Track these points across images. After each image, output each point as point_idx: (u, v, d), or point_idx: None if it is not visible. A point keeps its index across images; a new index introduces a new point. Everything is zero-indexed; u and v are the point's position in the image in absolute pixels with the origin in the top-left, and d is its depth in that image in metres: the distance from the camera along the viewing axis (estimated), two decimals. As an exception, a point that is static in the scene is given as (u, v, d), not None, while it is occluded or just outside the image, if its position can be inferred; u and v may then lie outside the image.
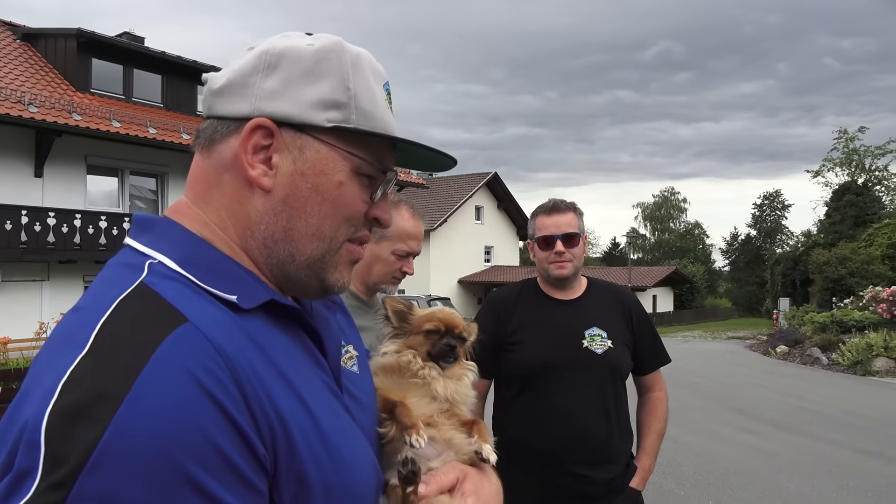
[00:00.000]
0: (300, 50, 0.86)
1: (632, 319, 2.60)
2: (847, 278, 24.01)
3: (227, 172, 0.85)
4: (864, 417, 10.38)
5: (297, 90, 0.84)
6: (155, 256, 0.79)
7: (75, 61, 17.31)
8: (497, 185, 40.04)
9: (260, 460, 0.69)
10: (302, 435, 0.74)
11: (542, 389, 2.42)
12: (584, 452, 2.39)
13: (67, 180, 16.27)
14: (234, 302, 0.77)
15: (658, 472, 7.06)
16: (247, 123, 0.83)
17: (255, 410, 0.70)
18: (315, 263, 0.87)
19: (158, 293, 0.73)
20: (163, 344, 0.67)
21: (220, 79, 0.87)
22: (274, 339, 0.80)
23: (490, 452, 1.04)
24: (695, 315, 47.57)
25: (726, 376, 15.82)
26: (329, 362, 0.91)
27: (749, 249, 65.87)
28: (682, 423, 9.78)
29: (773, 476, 7.08)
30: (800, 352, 19.80)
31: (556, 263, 2.50)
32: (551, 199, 2.64)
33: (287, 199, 0.84)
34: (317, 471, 0.75)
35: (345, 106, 0.85)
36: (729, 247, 71.81)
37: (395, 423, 1.00)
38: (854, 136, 42.10)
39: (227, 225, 0.85)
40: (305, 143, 0.84)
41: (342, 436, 0.83)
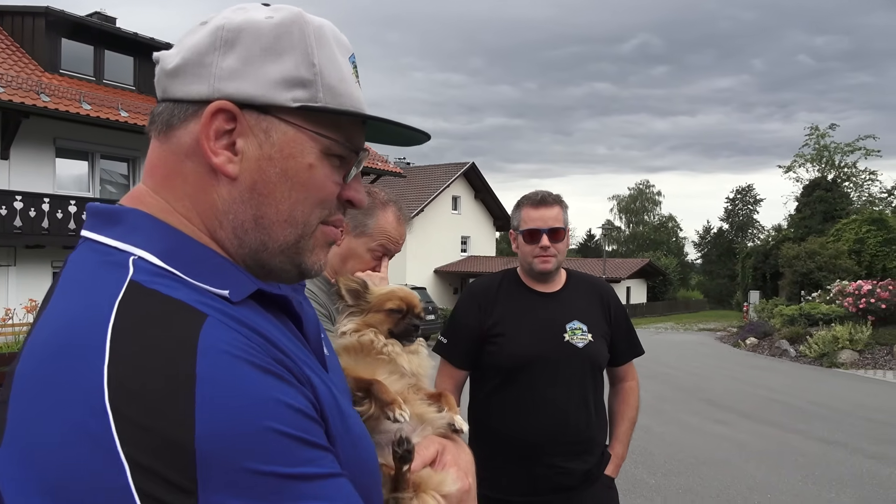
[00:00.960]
0: (258, 24, 0.80)
1: (610, 312, 2.63)
2: (815, 272, 24.52)
3: (189, 159, 0.79)
4: (829, 408, 10.64)
5: (258, 68, 0.78)
6: (135, 252, 0.73)
7: (44, 41, 16.84)
8: (474, 176, 40.03)
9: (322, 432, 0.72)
10: (329, 406, 0.76)
11: (523, 382, 2.43)
12: (564, 445, 2.41)
13: (35, 163, 15.88)
14: (227, 297, 0.74)
15: (630, 462, 7.14)
16: (206, 107, 0.77)
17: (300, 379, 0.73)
18: (289, 249, 0.83)
19: (161, 291, 0.69)
20: (200, 337, 0.65)
21: (173, 58, 0.80)
22: (270, 329, 0.78)
23: (462, 423, 1.08)
24: (667, 307, 48.23)
25: (697, 367, 16.09)
26: (311, 346, 0.88)
27: (721, 243, 66.92)
28: (654, 414, 9.92)
29: (741, 465, 7.22)
30: (769, 344, 20.20)
31: (540, 258, 2.49)
32: (538, 190, 2.60)
33: (255, 186, 0.79)
34: (347, 456, 0.76)
35: (311, 83, 0.80)
36: (701, 240, 72.84)
37: (373, 400, 1.01)
38: (825, 133, 42.91)
39: (193, 215, 0.80)
40: (271, 126, 0.79)
41: (352, 418, 0.84)
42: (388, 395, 1.01)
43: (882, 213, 30.00)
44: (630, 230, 77.53)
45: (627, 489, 6.13)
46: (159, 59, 0.83)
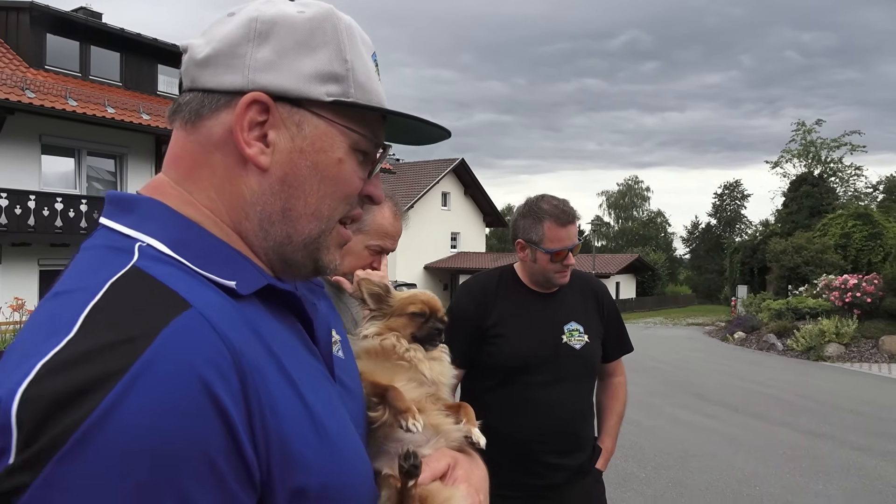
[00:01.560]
0: (292, 17, 0.80)
1: (603, 310, 2.65)
2: (802, 267, 24.71)
3: (218, 150, 0.79)
4: (816, 401, 10.75)
5: (292, 61, 0.79)
6: (143, 239, 0.73)
7: (29, 36, 16.66)
8: (464, 172, 40.03)
9: (250, 470, 0.64)
10: (300, 436, 0.70)
11: (520, 383, 2.43)
12: (558, 443, 2.44)
13: (21, 160, 15.71)
14: (233, 288, 0.73)
15: (620, 456, 7.20)
16: (241, 98, 0.77)
17: (253, 414, 0.65)
18: (311, 244, 0.83)
19: (155, 277, 0.67)
20: (165, 330, 0.61)
21: (203, 48, 0.80)
22: (271, 327, 0.76)
23: (480, 436, 1.03)
24: (656, 302, 48.48)
25: (686, 362, 16.20)
26: (320, 349, 0.87)
27: (709, 238, 67.27)
28: (644, 408, 9.98)
29: (729, 458, 7.28)
30: (756, 338, 20.36)
31: (562, 273, 2.48)
32: (558, 203, 2.49)
33: (285, 178, 0.79)
34: (315, 471, 0.70)
35: (343, 79, 0.81)
36: (690, 235, 73.23)
37: (387, 407, 0.97)
38: (811, 129, 43.19)
39: (218, 206, 0.79)
40: (303, 119, 0.80)
41: (340, 428, 0.79)
42: (402, 403, 0.96)
43: (867, 208, 30.27)
44: (619, 226, 77.85)
45: (618, 483, 6.17)
46: (187, 48, 0.82)
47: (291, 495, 0.67)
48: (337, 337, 1.00)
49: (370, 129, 0.85)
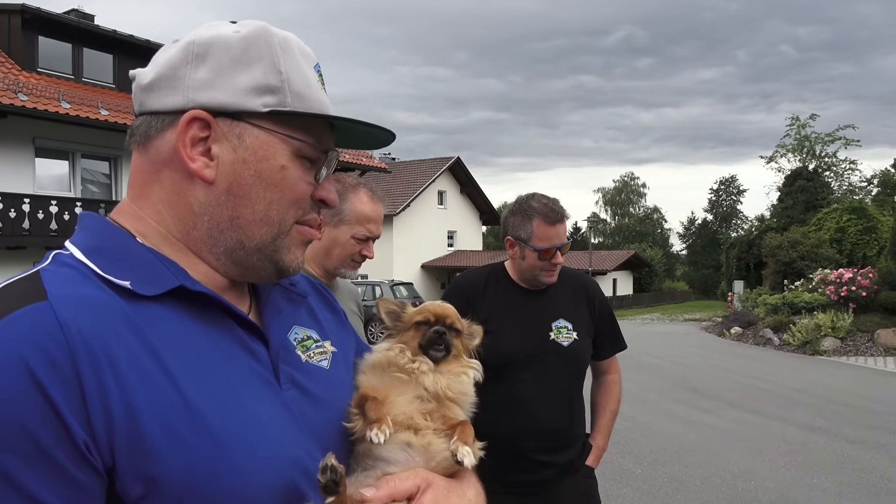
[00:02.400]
0: (227, 38, 0.85)
1: (594, 308, 2.64)
2: (798, 261, 24.78)
3: (166, 167, 0.84)
4: (811, 395, 10.79)
5: (228, 78, 0.83)
6: (68, 248, 0.82)
7: (20, 39, 16.59)
8: (460, 170, 40.02)
9: (80, 450, 0.67)
10: (161, 424, 0.71)
11: (507, 379, 2.44)
12: (546, 440, 2.45)
13: (14, 163, 15.66)
14: (128, 288, 0.77)
15: (616, 452, 7.22)
16: (182, 116, 0.82)
17: (89, 396, 0.68)
18: (266, 248, 0.87)
19: (41, 278, 0.75)
20: (3, 320, 0.68)
21: (148, 74, 0.87)
22: (173, 327, 0.78)
23: (466, 455, 0.93)
24: (653, 298, 48.58)
25: (683, 357, 16.24)
26: (270, 352, 0.88)
27: (705, 234, 67.45)
28: (640, 404, 10.00)
29: (725, 453, 7.31)
30: (753, 333, 20.42)
31: (549, 272, 2.49)
32: (548, 201, 2.51)
33: (231, 189, 0.84)
34: (179, 464, 0.72)
35: (279, 90, 0.85)
36: (686, 231, 73.40)
37: (362, 416, 0.94)
38: (805, 124, 43.32)
39: (165, 218, 0.85)
40: (244, 131, 0.84)
41: (242, 427, 0.78)
42: (375, 413, 0.93)
43: (862, 202, 30.39)
44: (616, 222, 77.95)
45: (614, 479, 6.19)
46: (135, 76, 0.88)
47: (146, 484, 0.70)
48: (329, 348, 1.01)
49: (313, 136, 0.89)
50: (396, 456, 0.93)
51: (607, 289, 43.36)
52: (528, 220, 2.48)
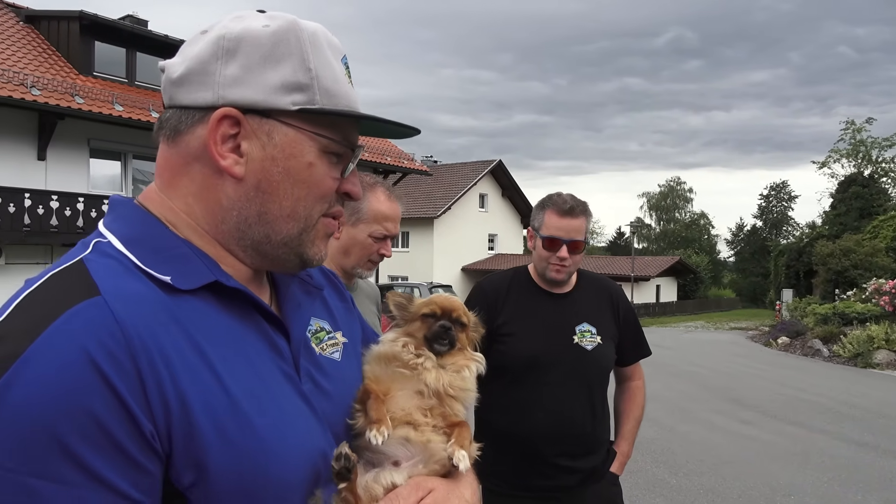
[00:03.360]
0: (257, 33, 0.85)
1: (619, 313, 2.61)
2: (850, 270, 23.92)
3: (196, 161, 0.85)
4: (860, 409, 10.39)
5: (258, 75, 0.84)
6: (106, 236, 0.82)
7: (78, 44, 17.27)
8: (501, 173, 39.92)
9: (147, 438, 0.70)
10: (210, 417, 0.74)
11: (529, 382, 2.43)
12: (568, 445, 2.42)
13: (70, 163, 16.31)
14: (169, 282, 0.78)
15: (651, 461, 7.09)
16: (213, 113, 0.83)
17: (149, 389, 0.71)
18: (292, 241, 0.89)
19: (88, 269, 0.76)
20: (63, 315, 0.69)
21: (177, 67, 0.86)
22: (210, 321, 0.80)
23: (462, 459, 0.95)
24: (698, 305, 47.51)
25: (726, 367, 15.83)
26: (291, 347, 0.90)
27: (754, 240, 65.67)
28: (679, 413, 9.81)
29: (765, 466, 7.10)
30: (801, 343, 19.77)
31: (555, 266, 2.46)
32: (567, 196, 2.52)
33: (259, 185, 0.85)
34: (225, 454, 0.75)
35: (308, 87, 0.86)
36: (734, 237, 71.57)
37: (364, 414, 0.97)
38: (861, 128, 41.80)
39: (195, 211, 0.86)
40: (273, 128, 0.85)
41: (275, 421, 0.81)
42: (376, 413, 0.95)
43: (922, 210, 29.14)
44: (661, 228, 76.55)
45: (647, 488, 6.09)
46: (165, 67, 0.88)
47: (197, 471, 0.73)
48: (340, 339, 1.03)
49: (340, 132, 0.89)
50: (395, 451, 0.95)
51: (650, 295, 42.61)
52: (542, 210, 2.52)
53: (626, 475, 7.08)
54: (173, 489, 0.73)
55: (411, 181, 33.92)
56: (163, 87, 0.89)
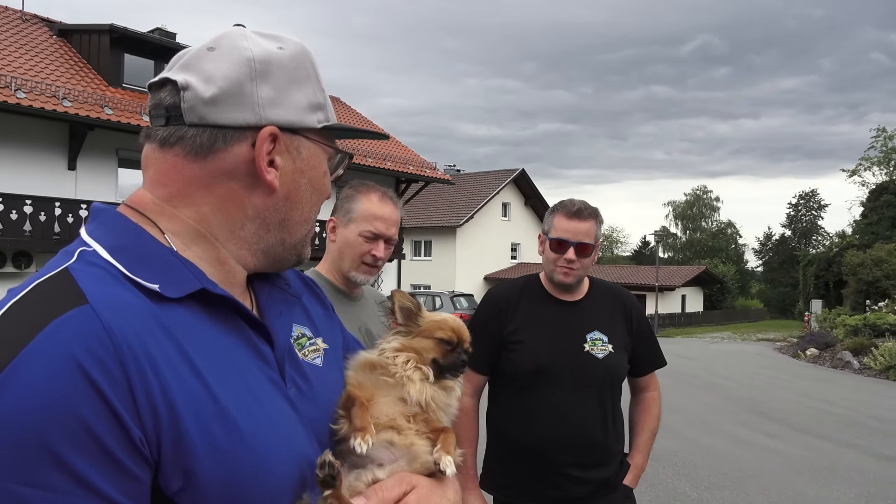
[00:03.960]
0: (280, 57, 0.92)
1: (632, 322, 2.58)
2: (882, 281, 23.39)
3: (226, 176, 0.88)
4: (891, 423, 10.13)
5: (289, 96, 0.91)
6: (91, 245, 0.83)
7: (108, 57, 17.67)
8: (524, 182, 39.84)
9: (136, 444, 0.70)
10: (198, 424, 0.75)
11: (540, 390, 2.41)
12: (580, 455, 2.39)
13: (100, 173, 16.66)
14: (157, 291, 0.80)
15: (672, 474, 6.98)
16: (255, 132, 0.88)
17: (137, 395, 0.71)
18: (299, 244, 0.99)
19: (74, 278, 0.76)
20: (52, 323, 0.70)
21: (206, 87, 0.86)
22: (196, 328, 0.82)
23: (448, 465, 0.97)
24: (725, 316, 46.79)
25: (752, 378, 15.55)
26: (275, 353, 0.92)
27: (783, 250, 64.56)
28: (702, 425, 9.66)
29: (790, 480, 6.95)
30: (830, 355, 19.36)
31: (563, 269, 2.45)
32: (576, 200, 2.54)
33: (289, 196, 0.94)
34: (213, 460, 0.75)
35: (324, 106, 0.97)
36: (762, 247, 70.47)
37: (348, 421, 0.97)
38: (893, 135, 40.94)
39: (209, 219, 0.89)
40: (300, 144, 0.94)
41: (263, 427, 0.82)
42: (360, 421, 0.96)
43: (957, 219, 28.40)
44: (686, 237, 75.67)
45: (667, 501, 5.97)
46: (188, 86, 0.87)
47: (185, 477, 0.74)
48: (321, 345, 1.05)
49: (332, 141, 1.01)
50: (379, 454, 0.96)
51: (675, 305, 42.08)
52: (552, 214, 2.54)
53: (646, 488, 7.01)
54: (162, 495, 0.74)
55: (434, 190, 34.00)
56: (188, 105, 0.87)
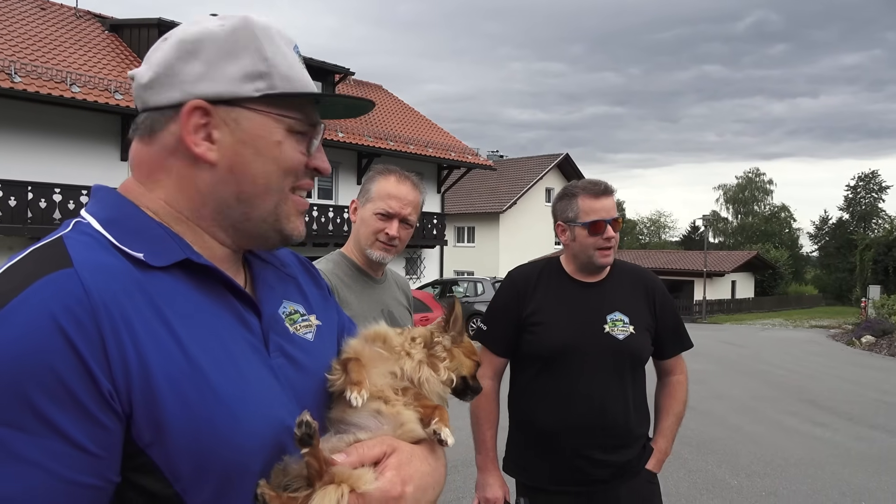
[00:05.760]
0: (214, 32, 0.94)
1: (654, 304, 2.54)
2: (946, 265, 22.33)
3: (172, 156, 0.93)
4: (949, 413, 9.72)
5: (220, 69, 0.92)
6: (86, 218, 0.91)
7: (157, 50, 18.18)
8: (568, 167, 39.38)
9: (105, 397, 0.76)
10: (169, 381, 0.80)
11: (560, 372, 2.40)
12: (600, 437, 2.38)
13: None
14: (142, 259, 0.86)
15: (713, 461, 6.87)
16: (182, 108, 0.91)
17: (111, 352, 0.77)
18: (269, 216, 0.97)
19: (65, 245, 0.83)
20: (36, 283, 0.77)
21: (146, 73, 0.94)
22: (179, 295, 0.87)
23: (449, 435, 0.99)
24: (776, 302, 45.45)
25: (802, 366, 15.11)
26: (262, 324, 0.97)
27: (840, 234, 62.18)
28: (747, 412, 9.47)
29: (836, 469, 6.76)
30: (888, 343, 18.64)
31: (603, 251, 2.43)
32: (593, 179, 2.52)
33: (232, 168, 0.93)
34: (183, 417, 0.81)
35: (267, 75, 0.94)
36: (818, 231, 68.05)
37: (345, 374, 1.01)
38: (961, 112, 38.79)
39: (176, 200, 0.94)
40: (240, 115, 0.93)
41: (237, 389, 0.87)
42: (357, 375, 0.99)
43: None
44: (738, 221, 73.61)
45: (705, 489, 5.91)
46: (134, 76, 0.97)
47: (155, 430, 0.80)
48: (314, 322, 1.09)
49: (302, 112, 0.98)
50: (367, 422, 0.98)
51: (725, 292, 41.08)
52: (573, 199, 2.47)
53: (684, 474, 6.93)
54: (136, 447, 0.80)
55: (477, 176, 33.91)
56: (134, 94, 0.98)
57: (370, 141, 21.18)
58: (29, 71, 14.39)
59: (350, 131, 20.84)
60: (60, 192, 14.85)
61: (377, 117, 23.65)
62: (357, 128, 21.40)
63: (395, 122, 24.25)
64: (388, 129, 22.90)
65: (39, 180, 14.70)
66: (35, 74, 14.42)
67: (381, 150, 21.40)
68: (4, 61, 14.19)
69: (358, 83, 25.97)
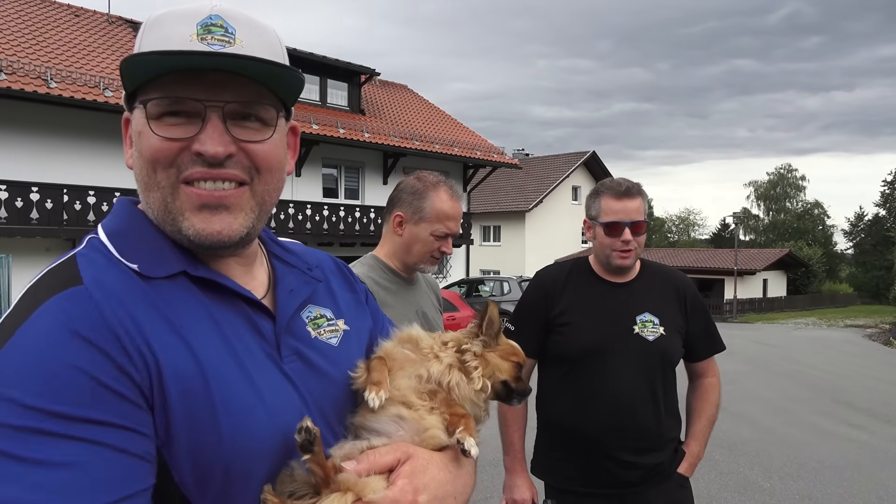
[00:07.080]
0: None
1: (686, 305, 2.51)
2: None
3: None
4: None
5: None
6: (97, 232, 0.93)
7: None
8: (595, 165, 39.05)
9: (137, 383, 0.79)
10: (177, 385, 0.82)
11: (589, 373, 2.39)
12: (630, 439, 2.36)
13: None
14: (136, 270, 0.87)
15: (745, 463, 6.77)
16: None
17: (128, 348, 0.80)
18: (163, 216, 0.91)
19: (77, 263, 0.86)
20: (47, 302, 0.79)
21: None
22: (186, 304, 0.88)
23: (472, 446, 0.95)
24: (810, 301, 44.49)
25: (837, 366, 14.78)
26: (276, 328, 0.96)
27: (877, 231, 60.63)
28: (781, 414, 9.30)
29: (873, 473, 6.60)
30: (927, 342, 18.15)
31: (619, 252, 2.41)
32: (620, 179, 2.50)
33: (135, 171, 0.93)
34: (188, 421, 0.82)
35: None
36: (853, 228, 66.45)
37: (367, 374, 0.99)
38: None
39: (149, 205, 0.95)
40: (132, 117, 0.93)
41: (243, 394, 0.87)
42: (377, 374, 0.98)
43: None
44: (769, 219, 72.23)
45: (737, 491, 5.82)
46: None
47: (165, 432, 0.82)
48: (342, 327, 1.07)
49: (163, 90, 0.87)
50: (386, 427, 0.96)
51: (756, 290, 40.37)
52: (597, 198, 2.48)
53: (715, 476, 6.84)
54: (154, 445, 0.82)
55: (502, 175, 33.79)
56: None
57: (396, 141, 21.25)
58: (64, 77, 14.73)
59: (375, 131, 20.96)
60: (94, 195, 15.18)
61: (402, 117, 23.75)
62: (382, 128, 21.50)
63: (421, 121, 24.29)
64: (414, 128, 22.95)
65: (74, 183, 15.06)
66: (70, 80, 14.76)
67: (407, 150, 21.47)
68: (41, 67, 14.54)
69: (383, 83, 26.08)
